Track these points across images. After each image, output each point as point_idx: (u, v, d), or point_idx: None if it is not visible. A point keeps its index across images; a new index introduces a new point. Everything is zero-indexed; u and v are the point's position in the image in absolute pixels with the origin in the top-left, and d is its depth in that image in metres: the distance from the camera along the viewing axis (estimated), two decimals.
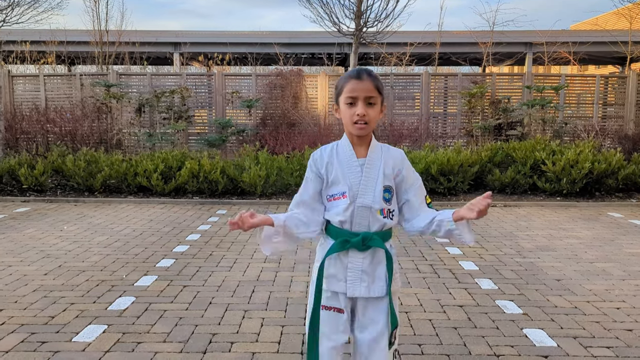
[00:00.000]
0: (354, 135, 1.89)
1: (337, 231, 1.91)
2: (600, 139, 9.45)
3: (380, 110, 1.89)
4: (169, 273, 4.48)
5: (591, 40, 14.28)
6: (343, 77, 1.90)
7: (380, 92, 1.87)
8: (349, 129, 1.89)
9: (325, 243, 1.97)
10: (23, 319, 3.46)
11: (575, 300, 3.91)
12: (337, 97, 1.93)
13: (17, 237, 5.69)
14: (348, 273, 1.90)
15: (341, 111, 1.90)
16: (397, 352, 2.02)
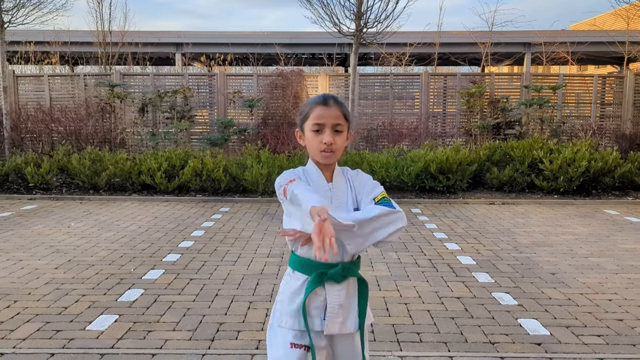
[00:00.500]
0: (320, 163, 1.77)
1: (308, 263, 1.70)
2: (598, 138, 9.59)
3: (347, 138, 1.77)
4: (175, 267, 4.62)
5: (589, 41, 14.42)
6: (308, 103, 1.78)
7: (347, 118, 1.75)
8: (315, 157, 1.76)
9: (292, 279, 1.74)
10: (37, 310, 3.60)
11: (569, 292, 4.04)
12: (301, 123, 1.77)
13: (26, 233, 5.82)
14: (328, 308, 1.69)
15: (306, 138, 1.76)
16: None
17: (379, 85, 11.37)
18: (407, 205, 7.74)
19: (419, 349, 3.06)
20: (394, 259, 4.95)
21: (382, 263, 4.80)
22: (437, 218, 6.86)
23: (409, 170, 8.20)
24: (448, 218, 6.87)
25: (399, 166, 8.28)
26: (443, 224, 6.51)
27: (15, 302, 3.75)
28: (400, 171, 8.24)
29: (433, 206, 7.75)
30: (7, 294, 3.90)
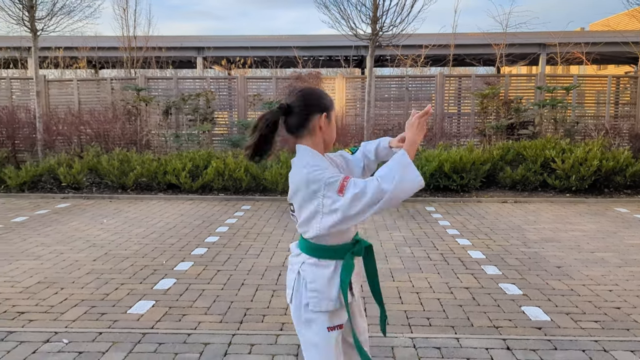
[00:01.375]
0: (322, 149, 1.91)
1: (338, 248, 1.87)
2: (611, 137, 9.74)
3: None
4: (203, 259, 4.98)
5: (604, 41, 14.51)
6: (325, 95, 1.95)
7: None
8: (329, 142, 1.92)
9: (321, 267, 1.86)
10: (82, 296, 3.97)
11: (572, 283, 4.30)
12: (329, 110, 1.91)
13: (63, 229, 6.24)
14: (353, 277, 1.90)
15: (330, 125, 1.91)
16: None
17: (395, 86, 11.64)
18: (422, 204, 8.02)
19: (429, 331, 3.36)
20: (407, 253, 5.25)
21: (396, 257, 5.10)
22: (450, 215, 7.13)
23: (423, 170, 8.46)
24: (461, 215, 7.13)
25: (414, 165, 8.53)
26: (456, 221, 6.78)
27: (62, 289, 4.13)
28: None
29: (447, 204, 8.01)
30: (54, 282, 4.29)
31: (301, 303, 1.86)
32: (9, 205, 7.83)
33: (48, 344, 3.15)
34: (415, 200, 8.15)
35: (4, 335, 3.26)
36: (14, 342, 3.16)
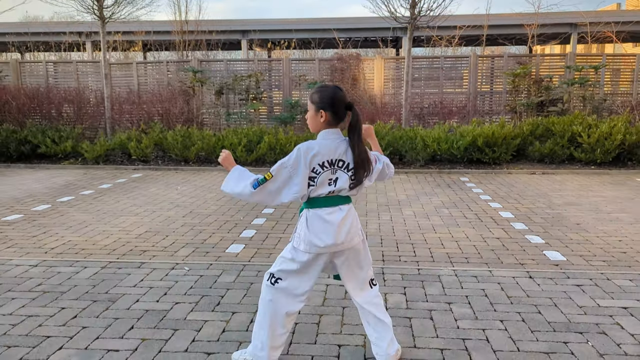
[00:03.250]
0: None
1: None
2: (636, 113, 10.29)
3: (313, 115, 2.50)
4: (273, 217, 5.93)
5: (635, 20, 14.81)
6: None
7: (311, 101, 2.50)
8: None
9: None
10: (185, 241, 4.97)
11: (588, 235, 5.10)
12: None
13: (146, 194, 7.28)
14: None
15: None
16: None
17: (430, 66, 12.33)
18: (457, 175, 8.82)
19: (467, 266, 4.24)
20: (445, 213, 6.10)
21: (436, 216, 5.96)
22: (483, 185, 7.92)
23: (458, 144, 9.24)
24: (493, 185, 7.91)
25: (449, 141, 9.32)
26: (488, 189, 7.58)
27: (167, 236, 5.14)
28: (450, 145, 9.29)
29: (480, 175, 8.78)
30: (158, 232, 5.30)
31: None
32: (90, 175, 8.94)
33: (174, 270, 4.14)
34: (451, 172, 8.96)
35: (139, 265, 4.27)
36: (149, 269, 4.17)
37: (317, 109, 2.47)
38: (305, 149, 2.42)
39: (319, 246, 2.45)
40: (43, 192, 7.43)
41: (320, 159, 2.42)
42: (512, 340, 2.96)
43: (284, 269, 2.54)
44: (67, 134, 10.19)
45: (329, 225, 2.46)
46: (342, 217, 2.48)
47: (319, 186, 2.45)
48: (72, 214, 6.10)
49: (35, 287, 3.79)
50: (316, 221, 2.47)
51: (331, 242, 2.45)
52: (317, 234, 2.46)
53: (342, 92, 2.50)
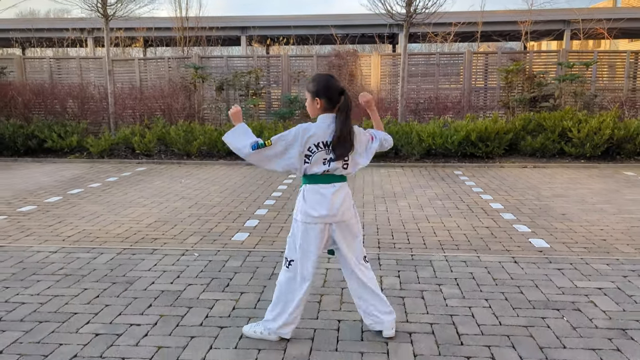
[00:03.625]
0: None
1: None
2: (625, 109, 10.61)
3: (311, 103, 2.78)
4: (274, 208, 6.24)
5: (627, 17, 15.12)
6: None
7: (307, 89, 2.80)
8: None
9: None
10: (192, 230, 5.27)
11: (572, 225, 5.42)
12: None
13: (152, 186, 7.58)
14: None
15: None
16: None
17: (426, 62, 12.61)
18: (450, 168, 9.14)
19: (457, 252, 4.56)
20: (439, 204, 6.42)
21: (430, 207, 6.27)
22: (475, 178, 8.24)
23: (452, 139, 9.55)
24: (485, 178, 8.23)
25: (444, 135, 9.62)
26: (480, 182, 7.90)
27: (175, 225, 5.45)
28: (444, 139, 9.59)
29: (473, 169, 9.10)
30: (167, 221, 5.60)
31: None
32: (96, 169, 9.22)
33: (184, 256, 4.45)
34: (445, 166, 9.27)
35: (152, 251, 4.57)
36: (161, 255, 4.48)
37: (313, 96, 2.77)
38: (304, 129, 2.74)
39: (313, 216, 2.77)
40: (53, 184, 7.72)
41: (315, 140, 2.73)
42: (495, 316, 3.28)
43: (290, 247, 2.87)
44: (72, 129, 10.47)
45: (323, 198, 2.77)
46: (334, 191, 2.80)
47: (314, 164, 2.76)
48: (83, 205, 6.40)
49: (58, 270, 4.09)
50: (312, 194, 2.79)
51: (325, 213, 2.76)
52: (312, 205, 2.78)
53: (334, 79, 2.81)
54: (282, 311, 2.88)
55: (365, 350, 2.86)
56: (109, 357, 2.78)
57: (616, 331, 3.07)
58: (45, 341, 2.96)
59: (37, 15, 43.70)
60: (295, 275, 2.85)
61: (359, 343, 2.94)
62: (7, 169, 9.29)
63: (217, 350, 2.87)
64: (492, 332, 3.07)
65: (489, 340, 2.96)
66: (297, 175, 2.87)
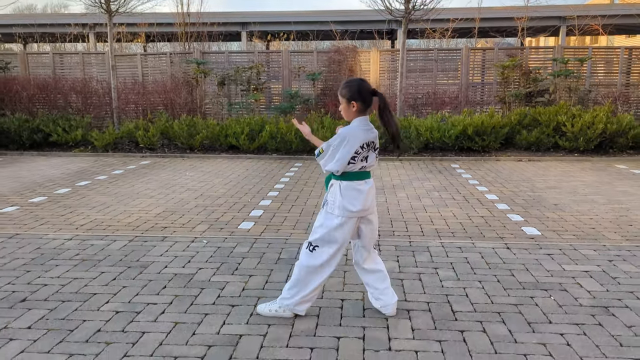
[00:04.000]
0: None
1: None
2: (618, 104, 10.85)
3: (346, 107, 2.98)
4: (278, 198, 6.46)
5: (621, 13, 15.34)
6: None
7: (342, 95, 2.98)
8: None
9: None
10: (200, 219, 5.50)
11: (563, 214, 5.66)
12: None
13: (157, 179, 7.79)
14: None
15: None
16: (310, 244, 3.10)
17: (424, 58, 12.83)
18: (448, 162, 9.37)
19: (453, 239, 4.79)
20: (436, 195, 6.65)
21: (427, 198, 6.50)
22: (472, 171, 8.47)
23: (449, 133, 9.77)
24: (481, 171, 8.47)
25: (441, 129, 9.85)
26: (476, 174, 8.13)
27: (183, 215, 5.67)
28: (442, 134, 9.82)
29: (469, 162, 9.33)
30: (174, 211, 5.83)
31: None
32: (101, 162, 9.43)
33: (194, 243, 4.67)
34: (443, 159, 9.50)
35: (162, 238, 4.80)
36: (171, 242, 4.70)
37: (349, 101, 2.98)
38: (351, 135, 2.95)
39: (351, 211, 2.99)
40: (60, 177, 7.94)
41: (360, 142, 2.95)
42: (488, 296, 3.52)
43: (318, 237, 3.06)
44: (76, 123, 10.67)
45: (360, 194, 3.01)
46: (368, 188, 3.05)
47: (357, 163, 2.99)
48: (92, 196, 6.62)
49: (74, 256, 4.32)
50: (350, 191, 3.00)
51: (361, 208, 3.00)
52: (350, 200, 2.99)
53: (365, 82, 3.02)
54: (300, 290, 3.10)
55: (367, 325, 3.10)
56: (130, 332, 3.01)
57: (599, 309, 3.31)
58: (70, 318, 3.19)
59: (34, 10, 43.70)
60: (318, 260, 3.05)
61: (361, 319, 3.18)
62: (14, 162, 9.50)
63: (230, 325, 3.10)
64: (484, 309, 3.31)
65: (481, 317, 3.20)
66: (331, 172, 3.03)
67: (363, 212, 3.03)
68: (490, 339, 2.93)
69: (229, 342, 2.90)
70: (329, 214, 3.05)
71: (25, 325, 3.10)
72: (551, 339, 2.92)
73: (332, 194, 3.05)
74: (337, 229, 3.02)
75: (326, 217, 3.06)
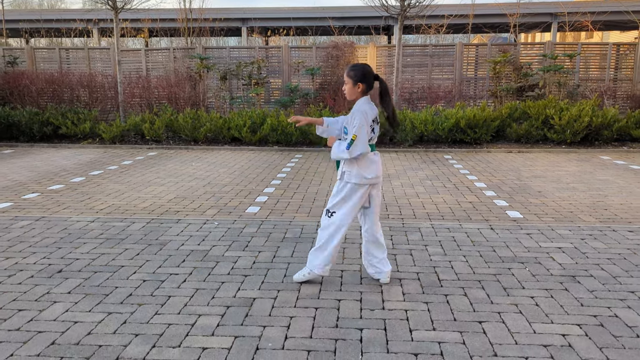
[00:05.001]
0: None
1: None
2: (605, 98, 11.31)
3: (352, 87, 3.41)
4: (281, 186, 6.92)
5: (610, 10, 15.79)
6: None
7: (349, 76, 3.41)
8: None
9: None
10: (209, 204, 5.95)
11: (545, 200, 6.13)
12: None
13: (165, 169, 8.23)
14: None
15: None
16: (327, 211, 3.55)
17: (419, 54, 13.25)
18: (441, 153, 9.83)
19: (442, 221, 5.25)
20: (428, 184, 7.11)
21: (420, 186, 6.96)
22: (463, 162, 8.93)
23: (443, 126, 10.23)
24: (472, 161, 8.93)
25: (435, 122, 10.30)
26: (468, 165, 8.59)
27: (193, 201, 6.12)
28: (436, 126, 10.27)
29: (462, 153, 9.79)
30: (185, 197, 6.27)
31: None
32: (110, 154, 9.86)
33: (206, 224, 5.13)
34: (436, 151, 9.96)
35: (177, 221, 5.25)
36: (185, 224, 5.15)
37: (355, 82, 3.44)
38: (366, 112, 3.40)
39: (368, 177, 3.46)
40: (73, 167, 8.37)
41: (371, 117, 3.44)
42: (470, 267, 3.98)
43: (335, 202, 3.54)
44: (84, 116, 11.08)
45: (374, 163, 3.50)
46: (379, 157, 3.56)
47: (369, 135, 3.43)
48: (106, 184, 7.06)
49: (99, 235, 4.76)
50: (365, 161, 3.47)
51: (375, 175, 3.48)
52: (366, 169, 3.46)
53: (369, 67, 3.51)
54: (322, 252, 3.56)
55: (364, 290, 3.56)
56: (158, 296, 3.47)
57: (567, 277, 3.78)
58: (104, 285, 3.65)
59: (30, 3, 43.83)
60: (335, 223, 3.52)
61: (358, 285, 3.64)
62: (26, 153, 9.92)
63: (244, 290, 3.56)
64: (467, 278, 3.77)
65: (464, 284, 3.67)
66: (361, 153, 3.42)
67: (376, 179, 3.49)
68: (470, 301, 3.39)
69: (244, 303, 3.36)
70: (346, 183, 3.49)
71: (66, 291, 3.55)
72: (522, 301, 3.39)
73: (349, 164, 3.48)
74: (352, 195, 3.48)
75: (344, 186, 3.51)
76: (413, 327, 3.03)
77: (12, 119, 10.88)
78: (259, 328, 3.03)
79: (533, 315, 3.19)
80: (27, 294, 3.50)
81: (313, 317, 3.16)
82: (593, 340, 2.89)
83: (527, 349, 2.79)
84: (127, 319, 3.14)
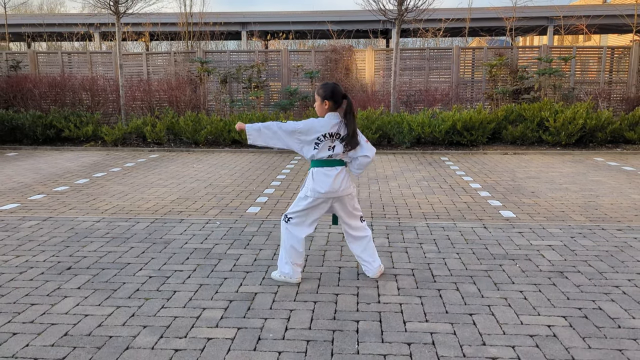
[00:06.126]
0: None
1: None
2: (599, 101, 11.50)
3: (320, 105, 3.55)
4: (280, 187, 7.08)
5: (604, 14, 16.00)
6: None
7: (318, 94, 3.56)
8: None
9: None
10: (211, 205, 6.11)
11: (538, 200, 6.30)
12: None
13: (168, 171, 8.40)
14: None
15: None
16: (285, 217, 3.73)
17: (417, 57, 13.45)
18: (438, 155, 10.00)
19: (437, 221, 5.42)
20: (425, 185, 7.28)
21: (417, 187, 7.13)
22: (460, 163, 9.10)
23: (440, 128, 10.40)
24: (468, 163, 9.10)
25: (432, 125, 10.48)
26: (464, 166, 8.76)
27: (195, 202, 6.28)
28: (433, 129, 10.45)
29: (458, 155, 9.97)
30: (187, 198, 6.44)
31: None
32: (113, 156, 10.03)
33: (209, 224, 5.29)
34: (433, 153, 10.14)
35: (179, 220, 5.41)
36: (188, 223, 5.32)
37: (322, 99, 3.60)
38: (318, 123, 3.56)
39: (320, 192, 3.59)
40: (77, 169, 8.53)
41: (322, 132, 3.55)
42: (463, 264, 4.15)
43: (294, 210, 3.71)
44: (87, 119, 11.25)
45: (328, 178, 3.60)
46: (336, 173, 3.63)
47: (321, 150, 3.57)
48: (110, 186, 7.22)
49: (105, 234, 4.93)
50: (320, 175, 3.61)
51: (328, 189, 3.59)
52: (319, 184, 3.60)
53: (338, 87, 3.63)
54: (288, 258, 3.72)
55: (361, 285, 3.73)
56: (164, 290, 3.63)
57: (555, 273, 3.94)
58: (112, 281, 3.81)
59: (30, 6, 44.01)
60: (293, 229, 3.69)
61: (355, 281, 3.80)
62: (30, 156, 10.08)
63: (246, 286, 3.72)
64: (459, 274, 3.94)
65: (456, 279, 3.83)
66: (307, 159, 3.67)
67: (331, 194, 3.61)
68: (461, 295, 3.56)
69: (246, 298, 3.52)
70: (303, 197, 3.68)
71: (75, 286, 3.71)
72: (512, 295, 3.55)
73: (308, 178, 3.69)
74: (308, 206, 3.65)
75: (301, 196, 3.70)
76: (407, 319, 3.20)
77: (15, 122, 11.05)
78: (260, 320, 3.19)
79: (521, 308, 3.35)
80: (39, 289, 3.67)
81: (312, 310, 3.32)
82: (577, 330, 3.05)
83: (514, 338, 2.96)
84: (135, 312, 3.30)
